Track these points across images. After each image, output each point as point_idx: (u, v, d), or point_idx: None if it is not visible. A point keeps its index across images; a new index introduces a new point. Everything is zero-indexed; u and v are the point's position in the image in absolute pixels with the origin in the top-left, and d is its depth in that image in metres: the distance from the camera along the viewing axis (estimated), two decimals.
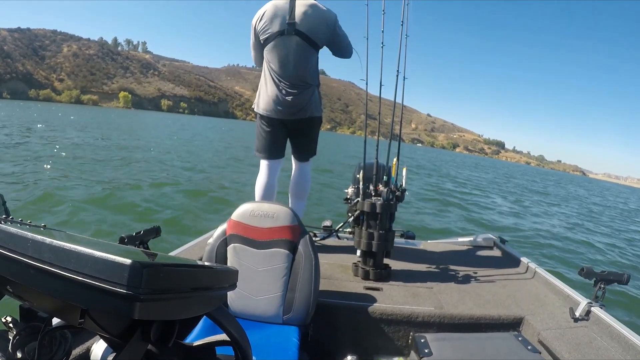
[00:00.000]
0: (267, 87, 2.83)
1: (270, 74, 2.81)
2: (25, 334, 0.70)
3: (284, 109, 2.79)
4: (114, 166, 11.33)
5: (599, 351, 1.71)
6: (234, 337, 0.78)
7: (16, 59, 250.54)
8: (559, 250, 8.61)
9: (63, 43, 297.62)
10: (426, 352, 1.60)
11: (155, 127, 42.29)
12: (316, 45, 2.76)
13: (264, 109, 2.85)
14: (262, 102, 2.86)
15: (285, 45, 2.70)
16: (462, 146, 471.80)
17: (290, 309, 1.78)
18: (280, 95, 2.77)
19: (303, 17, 2.67)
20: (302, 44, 2.70)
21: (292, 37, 2.68)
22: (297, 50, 2.71)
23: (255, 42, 2.84)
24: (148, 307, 0.49)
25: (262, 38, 2.75)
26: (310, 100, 2.84)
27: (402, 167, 2.62)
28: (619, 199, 39.65)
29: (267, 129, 2.91)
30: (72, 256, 0.50)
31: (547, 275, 2.52)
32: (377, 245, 2.39)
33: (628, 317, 4.92)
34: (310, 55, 2.77)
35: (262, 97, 2.86)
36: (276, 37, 2.70)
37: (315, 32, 2.71)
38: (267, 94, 2.82)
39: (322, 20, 2.72)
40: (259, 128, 2.95)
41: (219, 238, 1.85)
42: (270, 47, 2.74)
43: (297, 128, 2.92)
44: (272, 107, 2.81)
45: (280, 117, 2.83)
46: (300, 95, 2.78)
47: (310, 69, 2.82)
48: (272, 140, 2.93)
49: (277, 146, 2.97)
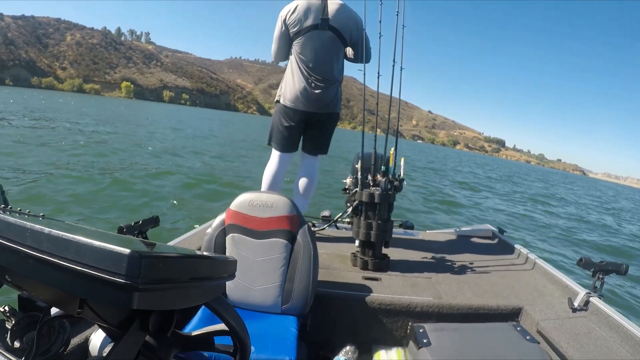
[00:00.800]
0: (295, 80, 2.82)
1: (299, 66, 2.81)
2: (24, 324, 0.70)
3: (311, 102, 2.80)
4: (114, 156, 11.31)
5: (597, 341, 1.72)
6: (233, 327, 0.78)
7: (19, 46, 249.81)
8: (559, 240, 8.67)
9: (67, 32, 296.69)
10: (425, 342, 1.61)
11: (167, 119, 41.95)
12: (346, 42, 2.81)
13: (290, 100, 2.84)
14: (288, 94, 2.85)
15: (318, 39, 2.73)
16: (463, 143, 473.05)
17: (288, 299, 1.78)
18: (308, 89, 2.78)
19: (336, 14, 2.73)
20: (334, 39, 2.75)
21: (325, 31, 2.73)
22: (329, 45, 2.75)
23: (283, 34, 2.81)
24: (146, 297, 0.49)
25: (292, 31, 2.76)
26: (335, 96, 2.88)
27: (400, 158, 2.62)
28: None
29: (287, 122, 2.90)
30: (70, 246, 0.50)
31: (546, 266, 2.53)
32: (376, 235, 2.39)
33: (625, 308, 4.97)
34: (340, 51, 2.82)
35: (289, 89, 2.85)
36: (309, 31, 2.72)
37: (347, 29, 2.76)
38: (294, 87, 2.81)
39: (352, 19, 2.80)
40: (279, 120, 2.94)
41: (218, 228, 1.84)
42: (302, 41, 2.75)
43: (316, 121, 2.93)
44: (300, 100, 2.81)
45: (305, 110, 2.84)
46: (327, 90, 2.81)
47: (339, 65, 2.86)
48: (289, 133, 2.93)
49: (293, 140, 2.98)
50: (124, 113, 40.64)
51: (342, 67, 2.91)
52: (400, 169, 2.59)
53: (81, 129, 17.26)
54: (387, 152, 2.60)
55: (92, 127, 19.26)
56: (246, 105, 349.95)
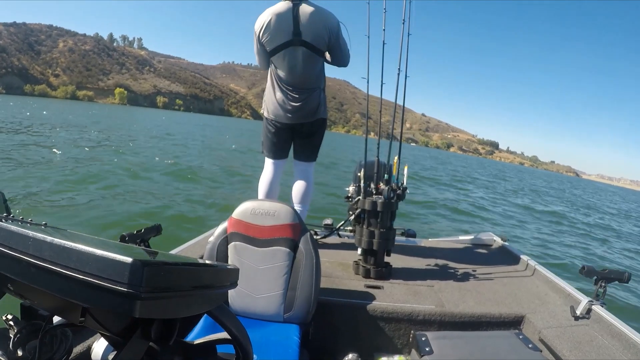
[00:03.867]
0: (275, 94, 2.85)
1: (276, 82, 2.85)
2: (26, 332, 0.70)
3: (293, 114, 2.83)
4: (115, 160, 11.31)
5: (599, 349, 1.71)
6: (235, 335, 0.78)
7: (12, 54, 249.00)
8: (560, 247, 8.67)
9: (59, 38, 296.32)
10: (427, 350, 1.60)
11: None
12: (322, 53, 2.79)
13: (273, 113, 2.88)
14: (271, 107, 2.89)
15: (292, 56, 2.71)
16: (457, 146, 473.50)
17: (291, 307, 1.78)
18: (287, 102, 2.80)
19: (307, 26, 2.64)
20: (308, 53, 2.71)
21: (298, 48, 2.69)
22: (303, 59, 2.72)
23: (260, 49, 2.82)
24: (149, 305, 0.49)
25: (268, 48, 2.75)
26: (318, 104, 2.88)
27: (404, 166, 2.62)
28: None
29: (273, 131, 2.95)
30: (73, 254, 0.50)
31: (548, 274, 2.52)
32: (378, 244, 2.38)
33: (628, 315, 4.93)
34: (316, 62, 2.80)
35: (271, 103, 2.89)
36: (283, 49, 2.70)
37: (320, 40, 2.70)
38: (275, 101, 2.85)
39: (325, 26, 2.69)
40: (266, 129, 2.99)
41: (220, 236, 1.85)
42: (278, 58, 2.75)
43: (303, 130, 2.94)
44: (281, 114, 2.84)
45: (289, 122, 2.86)
46: (307, 101, 2.81)
47: (316, 75, 2.86)
48: (277, 141, 2.97)
49: (282, 147, 3.01)
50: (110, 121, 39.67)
51: (320, 73, 2.90)
52: (404, 177, 2.59)
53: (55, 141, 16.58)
54: (391, 158, 2.61)
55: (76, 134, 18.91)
56: (240, 110, 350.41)
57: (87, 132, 20.62)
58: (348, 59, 2.93)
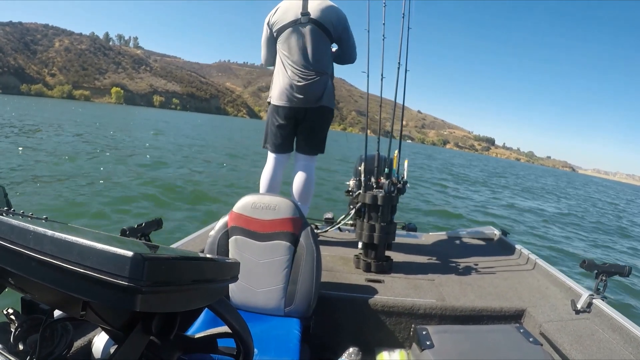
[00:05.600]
0: (281, 77, 2.84)
1: (284, 64, 2.83)
2: (27, 326, 0.70)
3: (298, 96, 2.79)
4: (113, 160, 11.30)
5: (600, 343, 1.71)
6: (236, 329, 0.78)
7: (8, 53, 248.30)
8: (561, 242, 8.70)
9: (55, 37, 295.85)
10: (428, 344, 1.61)
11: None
12: (330, 35, 2.80)
13: (278, 98, 2.85)
14: (276, 92, 2.87)
15: (300, 33, 2.74)
16: (453, 143, 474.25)
17: (291, 302, 1.78)
18: (294, 83, 2.78)
19: (317, 8, 2.73)
20: (316, 31, 2.74)
21: (306, 25, 2.73)
22: (312, 37, 2.74)
23: (268, 37, 2.86)
24: (149, 299, 0.49)
25: (275, 29, 2.80)
26: (324, 90, 2.85)
27: (404, 160, 2.62)
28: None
29: (278, 122, 2.91)
30: (73, 248, 0.50)
31: (549, 267, 2.53)
32: (379, 238, 2.38)
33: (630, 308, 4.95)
34: (325, 42, 2.81)
35: (276, 87, 2.87)
36: (291, 26, 2.75)
37: (329, 22, 2.75)
38: (281, 84, 2.83)
39: (334, 13, 2.78)
40: (270, 120, 2.96)
41: (221, 230, 1.84)
42: (285, 37, 2.78)
43: (307, 118, 2.90)
44: (287, 96, 2.81)
45: (294, 106, 2.83)
46: (314, 83, 2.79)
47: (325, 57, 2.85)
48: (282, 134, 2.94)
49: (286, 140, 2.98)
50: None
51: (329, 60, 2.89)
52: (404, 171, 2.59)
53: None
54: (392, 152, 2.60)
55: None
56: (236, 108, 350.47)
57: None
58: (355, 54, 2.96)
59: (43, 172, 8.18)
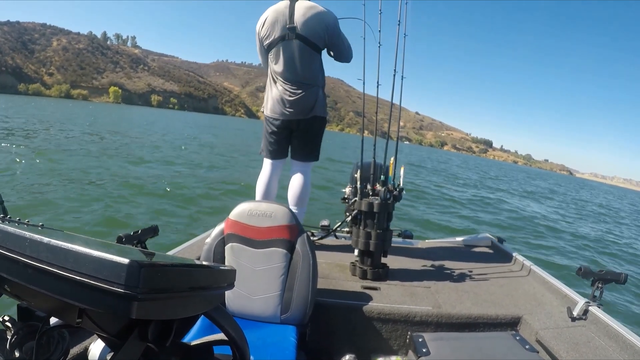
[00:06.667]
0: (273, 91, 2.89)
1: (274, 77, 2.89)
2: (23, 333, 0.70)
3: (290, 109, 2.84)
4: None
5: (596, 350, 1.72)
6: (232, 336, 0.78)
7: (5, 53, 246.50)
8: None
9: (52, 37, 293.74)
10: (424, 351, 1.61)
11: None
12: (317, 48, 2.80)
13: (271, 110, 2.91)
14: (269, 105, 2.93)
15: (287, 49, 2.76)
16: (450, 144, 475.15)
17: (288, 309, 1.78)
18: (285, 97, 2.82)
19: (303, 21, 2.70)
20: (303, 47, 2.75)
21: (293, 41, 2.73)
22: (299, 53, 2.75)
23: (260, 48, 2.91)
24: (146, 306, 0.49)
25: (265, 44, 2.82)
26: (315, 101, 2.88)
27: (400, 166, 2.62)
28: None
29: (272, 130, 2.96)
30: (69, 255, 0.50)
31: (545, 275, 2.53)
32: (375, 245, 2.39)
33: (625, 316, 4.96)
34: (313, 57, 2.81)
35: (269, 100, 2.92)
36: (278, 43, 2.76)
37: (316, 35, 2.74)
38: (272, 97, 2.88)
39: (322, 22, 2.74)
40: (265, 129, 3.01)
41: (217, 237, 1.84)
42: (274, 53, 2.81)
43: (301, 128, 2.94)
44: (279, 110, 2.86)
45: (286, 119, 2.87)
46: (305, 96, 2.82)
47: (313, 71, 2.86)
48: (276, 141, 2.98)
49: (281, 147, 3.01)
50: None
51: (318, 71, 2.90)
52: (400, 178, 2.59)
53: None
54: (387, 159, 2.61)
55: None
56: (234, 108, 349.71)
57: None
58: (351, 53, 2.96)
59: (34, 180, 8.13)
